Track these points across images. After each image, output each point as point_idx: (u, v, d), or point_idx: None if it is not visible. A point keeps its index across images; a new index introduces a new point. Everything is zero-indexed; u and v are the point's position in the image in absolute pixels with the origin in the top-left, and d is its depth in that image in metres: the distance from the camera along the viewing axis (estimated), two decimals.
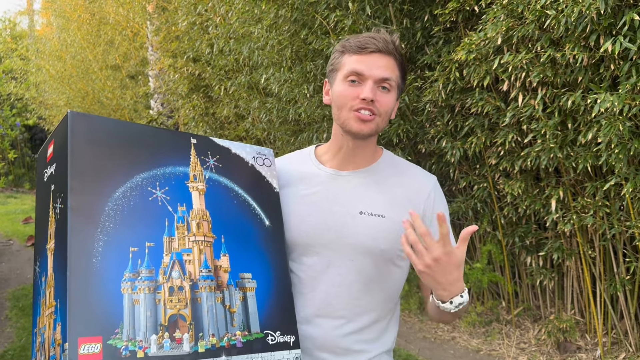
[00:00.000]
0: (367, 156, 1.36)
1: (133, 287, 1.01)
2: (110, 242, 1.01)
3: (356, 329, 1.29)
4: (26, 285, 5.52)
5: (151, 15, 8.39)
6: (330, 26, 3.69)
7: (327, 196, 1.33)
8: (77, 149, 1.03)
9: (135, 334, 0.98)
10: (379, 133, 1.32)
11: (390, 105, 1.28)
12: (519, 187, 3.36)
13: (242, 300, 1.14)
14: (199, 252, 1.12)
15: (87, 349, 0.93)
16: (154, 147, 1.14)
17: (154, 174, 1.12)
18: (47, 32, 14.60)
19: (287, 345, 1.17)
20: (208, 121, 6.85)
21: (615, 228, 3.05)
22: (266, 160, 1.32)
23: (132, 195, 1.07)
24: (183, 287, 1.07)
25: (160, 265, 1.06)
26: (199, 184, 1.17)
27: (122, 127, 1.12)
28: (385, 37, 1.28)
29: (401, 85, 1.33)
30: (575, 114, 2.92)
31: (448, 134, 3.69)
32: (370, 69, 1.25)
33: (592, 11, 2.42)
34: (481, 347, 3.88)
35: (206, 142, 1.23)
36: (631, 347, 3.42)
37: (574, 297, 3.86)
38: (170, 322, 1.03)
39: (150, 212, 1.08)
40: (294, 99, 4.47)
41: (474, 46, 3.04)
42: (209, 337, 1.07)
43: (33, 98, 14.50)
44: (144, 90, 10.29)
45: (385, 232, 1.27)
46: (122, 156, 1.09)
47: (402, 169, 1.38)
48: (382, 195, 1.31)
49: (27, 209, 11.17)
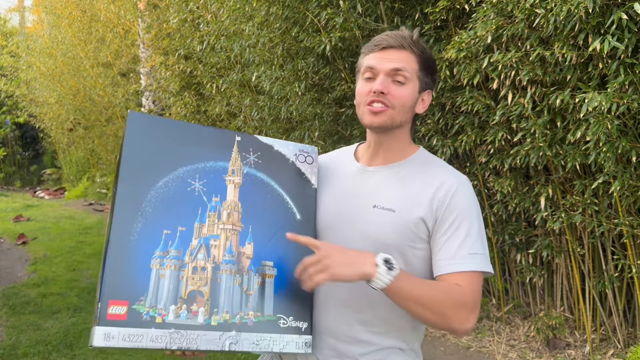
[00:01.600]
0: (395, 150, 1.37)
1: (161, 263, 1.17)
2: (147, 224, 1.18)
3: (363, 320, 1.29)
4: (16, 284, 5.49)
5: (142, 13, 8.34)
6: (321, 24, 3.69)
7: (349, 189, 1.37)
8: (129, 144, 1.21)
9: (157, 302, 1.14)
10: (397, 125, 1.32)
11: (405, 97, 1.29)
12: (509, 185, 3.38)
13: (259, 285, 1.24)
14: (225, 238, 1.24)
15: (115, 310, 1.10)
16: (200, 143, 1.28)
17: (195, 167, 1.26)
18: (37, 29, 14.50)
19: (299, 330, 1.25)
20: (200, 119, 6.84)
21: (603, 226, 3.07)
22: (308, 157, 1.40)
23: (172, 185, 1.23)
24: (206, 268, 1.21)
25: (188, 247, 1.20)
26: (235, 178, 1.29)
27: (173, 126, 1.28)
28: (401, 33, 1.32)
29: (424, 77, 1.33)
30: (564, 113, 2.94)
31: (439, 132, 3.71)
32: (381, 63, 1.29)
33: (580, 10, 2.44)
34: (471, 344, 3.91)
35: (250, 140, 1.35)
36: (619, 344, 3.46)
37: (564, 294, 3.89)
38: (189, 296, 1.17)
39: (186, 200, 1.23)
40: (285, 97, 4.47)
41: (464, 44, 3.05)
42: (222, 313, 1.19)
43: (24, 95, 14.39)
44: (135, 88, 10.24)
45: (393, 226, 1.27)
46: (169, 151, 1.24)
47: (432, 166, 1.36)
48: (400, 191, 1.31)
49: (17, 207, 11.10)
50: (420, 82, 1.32)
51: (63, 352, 3.76)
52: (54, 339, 3.99)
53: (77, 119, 12.97)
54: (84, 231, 8.53)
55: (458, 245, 1.25)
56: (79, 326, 4.28)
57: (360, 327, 1.29)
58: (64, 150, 15.94)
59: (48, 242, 7.56)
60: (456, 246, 1.25)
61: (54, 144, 16.45)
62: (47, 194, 14.58)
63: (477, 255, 1.25)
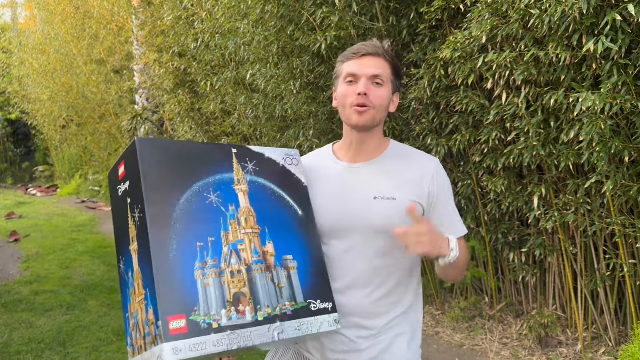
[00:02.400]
0: (374, 147, 1.57)
1: (203, 273, 1.25)
2: (181, 240, 1.25)
3: (381, 295, 1.51)
4: (8, 282, 5.47)
5: (136, 9, 8.30)
6: (317, 22, 3.69)
7: (344, 187, 1.54)
8: (147, 168, 1.28)
9: (209, 309, 1.22)
10: (377, 123, 1.52)
11: (383, 98, 1.50)
12: (502, 184, 3.40)
13: (286, 277, 1.37)
14: (249, 241, 1.36)
15: (175, 324, 1.17)
16: (205, 159, 1.38)
17: (207, 181, 1.36)
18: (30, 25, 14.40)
19: (327, 310, 1.41)
20: (193, 116, 6.82)
21: (596, 225, 3.10)
22: (293, 159, 1.55)
23: (192, 200, 1.31)
24: (241, 271, 1.31)
25: (222, 255, 1.30)
26: (242, 186, 1.41)
27: (178, 146, 1.37)
28: (375, 42, 1.52)
29: (395, 81, 1.54)
30: (558, 112, 2.96)
31: (433, 131, 3.72)
32: (362, 69, 1.48)
33: (574, 11, 2.45)
34: (464, 342, 3.93)
35: (244, 150, 1.46)
36: (610, 342, 3.49)
37: (556, 292, 3.92)
38: (234, 298, 1.27)
39: (208, 213, 1.32)
40: (280, 95, 4.47)
41: (458, 44, 3.06)
42: (265, 308, 1.30)
43: (15, 92, 14.30)
44: (129, 85, 10.20)
45: (397, 212, 1.46)
46: (181, 170, 1.33)
47: (407, 154, 1.58)
48: (391, 180, 1.51)
49: (9, 204, 11.03)
50: (392, 85, 1.53)
51: (56, 349, 3.75)
52: (47, 336, 3.98)
53: (69, 116, 12.90)
54: (77, 228, 8.49)
55: (454, 214, 1.55)
56: (72, 324, 4.26)
57: (380, 302, 1.50)
58: (56, 147, 15.85)
59: (40, 240, 7.52)
60: (453, 215, 1.55)
61: (46, 141, 16.36)
62: (39, 191, 14.50)
63: (461, 221, 1.57)
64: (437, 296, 4.58)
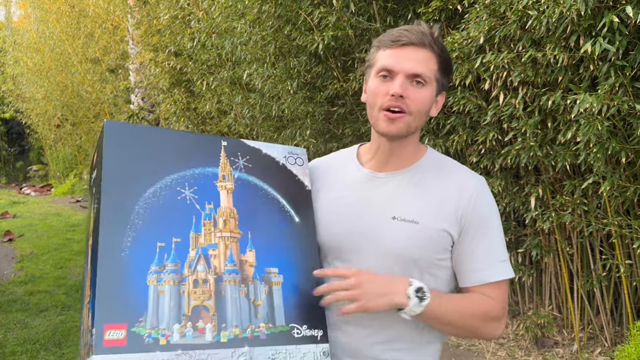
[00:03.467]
0: (406, 156, 1.27)
1: (158, 279, 1.07)
2: (139, 238, 1.08)
3: (386, 338, 1.23)
4: (3, 282, 5.44)
5: (132, 8, 8.28)
6: (314, 22, 3.68)
7: (360, 199, 1.27)
8: (109, 154, 1.12)
9: (158, 322, 1.03)
10: (412, 132, 1.23)
11: (424, 102, 1.20)
12: (499, 185, 3.40)
13: (267, 294, 1.16)
14: (224, 247, 1.16)
15: (112, 335, 0.99)
16: (184, 150, 1.21)
17: (183, 175, 1.18)
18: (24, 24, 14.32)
19: (314, 339, 1.17)
20: (190, 116, 6.80)
21: (592, 225, 3.10)
22: (298, 159, 1.34)
23: (161, 194, 1.14)
24: (207, 280, 1.11)
25: (186, 259, 1.11)
26: (227, 183, 1.22)
27: (154, 133, 1.21)
28: (421, 29, 1.21)
29: (442, 79, 1.24)
30: (555, 114, 2.97)
31: (430, 131, 3.72)
32: (400, 63, 1.18)
33: (572, 12, 2.46)
34: (461, 343, 3.93)
35: (236, 144, 1.28)
36: (607, 342, 3.50)
37: (552, 293, 3.93)
38: (193, 312, 1.07)
39: (178, 210, 1.15)
40: (277, 95, 4.46)
41: (456, 45, 3.06)
42: (231, 328, 1.09)
43: (10, 91, 14.23)
44: (125, 85, 10.17)
45: (418, 240, 1.19)
46: (153, 160, 1.16)
47: (445, 169, 1.28)
48: (418, 199, 1.22)
49: (3, 204, 10.97)
50: (438, 84, 1.23)
51: (51, 350, 3.73)
52: (42, 337, 3.96)
53: (64, 115, 12.85)
54: (71, 228, 8.46)
55: (486, 254, 1.20)
56: (67, 324, 4.24)
57: (381, 347, 1.23)
58: (50, 146, 15.79)
59: (35, 240, 7.48)
60: (484, 255, 1.20)
61: (40, 140, 16.29)
62: (34, 190, 14.44)
63: (505, 262, 1.21)
64: None
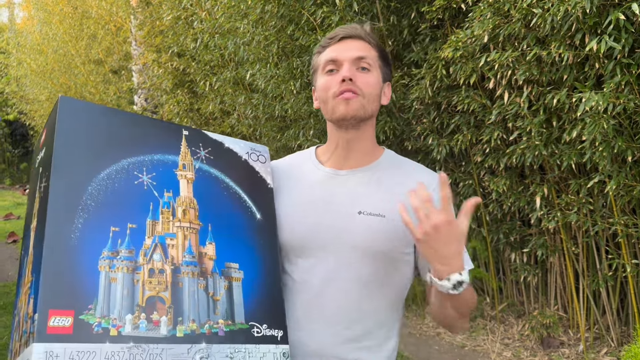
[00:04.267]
0: (364, 153, 1.30)
1: (111, 265, 0.99)
2: (91, 221, 1.01)
3: (354, 336, 1.21)
4: (7, 283, 5.44)
5: (135, 9, 8.28)
6: (317, 22, 3.67)
7: (324, 196, 1.27)
8: (63, 131, 1.04)
9: (109, 311, 0.96)
10: (368, 116, 1.25)
11: (372, 84, 1.24)
12: (504, 185, 3.39)
13: (226, 289, 1.11)
14: (183, 237, 1.10)
15: (57, 322, 0.91)
16: (144, 134, 1.14)
17: (141, 159, 1.12)
18: (28, 26, 14.36)
19: (274, 339, 1.12)
20: (193, 117, 6.80)
21: (598, 225, 3.08)
22: (260, 156, 1.30)
23: (117, 177, 1.07)
24: (164, 270, 1.05)
25: (142, 247, 1.04)
26: (187, 173, 1.17)
27: (111, 114, 1.13)
28: (354, 25, 1.29)
29: (384, 67, 1.29)
30: (560, 112, 2.95)
31: (434, 131, 3.71)
32: (343, 52, 1.24)
33: (577, 10, 2.44)
34: (466, 343, 3.91)
35: (198, 135, 1.23)
36: (613, 342, 3.48)
37: (557, 293, 3.91)
38: (148, 303, 1.00)
39: (134, 195, 1.08)
40: (280, 95, 4.45)
41: (460, 44, 3.05)
42: (188, 322, 1.03)
43: (14, 92, 14.27)
44: (128, 86, 10.17)
45: (386, 233, 1.20)
46: (109, 140, 1.09)
47: (404, 167, 1.31)
48: (382, 194, 1.24)
49: (7, 205, 11.00)
50: (381, 72, 1.28)
51: None
52: None
53: None
54: None
55: None
56: None
57: (349, 345, 1.21)
58: None
59: None
60: None
61: None
62: None
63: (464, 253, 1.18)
64: None
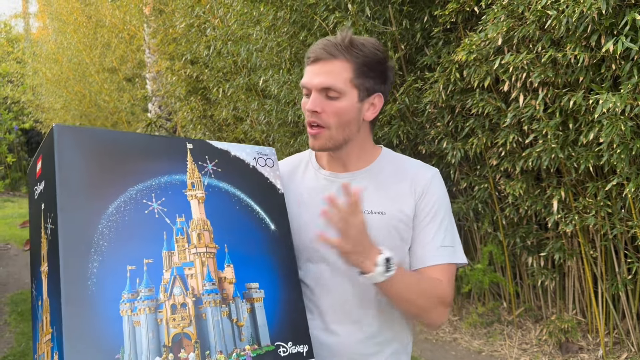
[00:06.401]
0: (359, 158, 1.31)
1: (132, 308, 0.96)
2: (106, 262, 0.96)
3: (371, 332, 1.26)
4: (25, 290, 5.49)
5: (148, 18, 8.36)
6: (330, 28, 3.68)
7: None
8: (64, 165, 0.98)
9: (137, 358, 0.93)
10: (338, 145, 1.24)
11: (340, 113, 1.20)
12: (520, 188, 3.36)
13: (249, 312, 1.08)
14: (201, 264, 1.06)
15: None
16: (148, 156, 1.08)
17: (148, 184, 1.06)
18: (43, 35, 14.57)
19: (301, 355, 1.11)
20: (206, 123, 6.83)
21: (617, 228, 3.04)
22: (268, 160, 1.26)
23: (126, 209, 1.01)
24: (186, 304, 1.02)
25: (161, 283, 1.00)
26: (197, 192, 1.11)
27: (111, 138, 1.06)
28: (332, 40, 1.20)
29: (364, 83, 1.21)
30: (577, 114, 2.92)
31: (448, 134, 3.69)
32: (311, 80, 1.20)
33: (593, 11, 2.41)
34: (483, 348, 3.87)
35: (203, 146, 1.17)
36: (633, 347, 3.42)
37: (576, 297, 3.86)
38: (174, 342, 0.98)
39: (146, 226, 1.02)
40: (293, 101, 4.46)
41: (474, 47, 3.03)
42: (216, 354, 1.01)
43: (30, 101, 14.46)
44: (142, 93, 10.26)
45: (387, 229, 1.24)
46: (113, 169, 1.03)
47: (401, 164, 1.34)
48: (382, 192, 1.28)
49: (24, 213, 11.12)
50: (359, 90, 1.21)
51: None
52: None
53: (82, 125, 13.01)
54: None
55: (430, 238, 1.25)
56: None
57: (369, 341, 1.26)
58: None
59: None
60: (428, 239, 1.25)
61: None
62: None
63: (446, 248, 1.25)
64: (455, 302, 4.53)
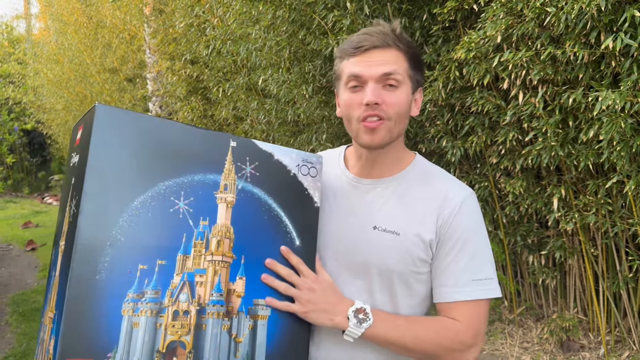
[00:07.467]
0: (391, 163, 1.22)
1: (135, 308, 0.95)
2: (119, 258, 0.94)
3: (365, 354, 1.16)
4: (26, 291, 5.50)
5: (148, 18, 8.36)
6: (329, 26, 3.67)
7: (344, 205, 1.21)
8: (98, 149, 0.94)
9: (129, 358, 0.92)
10: (395, 138, 1.17)
11: (401, 104, 1.13)
12: (520, 186, 3.35)
13: (250, 329, 1.05)
14: (213, 273, 1.03)
15: None
16: (187, 150, 1.03)
17: (180, 181, 1.01)
18: (44, 36, 14.58)
19: None
20: (207, 123, 6.84)
21: (617, 226, 3.03)
22: (312, 169, 1.18)
23: (151, 205, 0.98)
24: (189, 312, 1.00)
25: (169, 286, 0.98)
26: (228, 195, 1.06)
27: (153, 126, 1.01)
28: (382, 29, 1.15)
29: (415, 76, 1.17)
30: (576, 112, 2.91)
31: (448, 133, 3.68)
32: (368, 69, 1.11)
33: (592, 8, 2.40)
34: (484, 347, 3.86)
35: (247, 146, 1.11)
36: (635, 345, 3.41)
37: (577, 295, 3.85)
38: (168, 349, 0.96)
39: (167, 226, 0.99)
40: (292, 100, 4.46)
41: (473, 45, 3.02)
42: None
43: (31, 102, 14.48)
44: (142, 93, 10.27)
45: (399, 252, 1.14)
46: (148, 160, 0.99)
47: (432, 179, 1.21)
48: (401, 208, 1.16)
49: (26, 214, 11.14)
50: (412, 81, 1.17)
51: None
52: None
53: None
54: None
55: (461, 270, 1.12)
56: None
57: None
58: None
59: None
60: (459, 271, 1.12)
61: (61, 150, 16.53)
62: (55, 200, 14.63)
63: (483, 281, 1.12)
64: None
